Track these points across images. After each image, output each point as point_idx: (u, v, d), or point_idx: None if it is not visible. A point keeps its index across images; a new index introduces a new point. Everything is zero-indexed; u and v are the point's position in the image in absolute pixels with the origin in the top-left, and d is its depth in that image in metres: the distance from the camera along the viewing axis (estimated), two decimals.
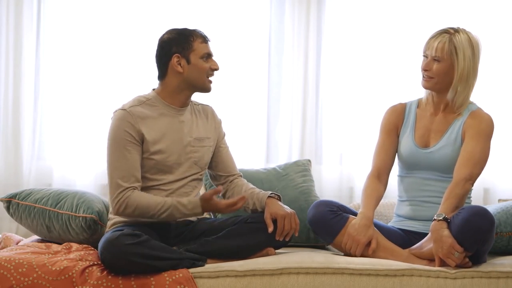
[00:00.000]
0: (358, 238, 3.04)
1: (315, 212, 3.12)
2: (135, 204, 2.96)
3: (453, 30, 3.15)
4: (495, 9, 4.20)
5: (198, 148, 3.15)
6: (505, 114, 4.21)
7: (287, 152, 4.19)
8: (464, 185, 3.05)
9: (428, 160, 3.18)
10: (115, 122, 3.03)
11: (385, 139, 3.29)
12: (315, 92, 4.20)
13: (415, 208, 3.21)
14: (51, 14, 4.09)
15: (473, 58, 3.13)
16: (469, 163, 3.08)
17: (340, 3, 4.20)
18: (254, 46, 4.17)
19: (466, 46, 3.12)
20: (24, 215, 3.34)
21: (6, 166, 4.05)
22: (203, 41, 3.08)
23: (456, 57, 3.12)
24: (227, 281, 2.86)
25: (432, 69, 3.15)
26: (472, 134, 3.13)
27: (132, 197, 2.97)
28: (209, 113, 3.25)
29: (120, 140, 3.00)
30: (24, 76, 4.06)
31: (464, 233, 2.88)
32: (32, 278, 2.78)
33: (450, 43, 3.12)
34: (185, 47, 3.05)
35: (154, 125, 3.06)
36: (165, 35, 3.11)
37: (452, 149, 3.16)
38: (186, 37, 3.06)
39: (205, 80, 3.08)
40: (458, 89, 3.14)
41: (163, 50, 3.08)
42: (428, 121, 3.23)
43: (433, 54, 3.14)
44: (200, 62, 3.06)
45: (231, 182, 3.24)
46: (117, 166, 2.99)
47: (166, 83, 3.10)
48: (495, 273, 2.94)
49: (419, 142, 3.22)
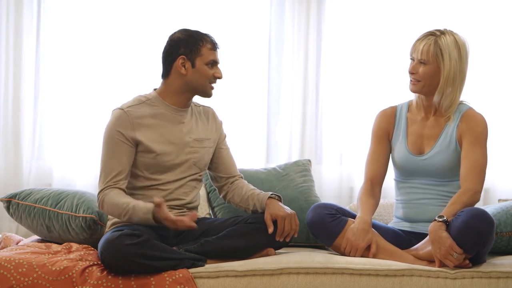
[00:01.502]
0: (357, 243, 3.03)
1: (314, 215, 3.11)
2: (107, 203, 2.99)
3: (439, 32, 3.12)
4: (494, 11, 4.19)
5: (198, 149, 3.15)
6: (505, 114, 4.21)
7: (287, 152, 4.19)
8: (472, 195, 3.03)
9: (423, 167, 3.16)
10: (111, 121, 3.04)
11: (377, 147, 3.26)
12: (315, 92, 4.20)
13: (413, 211, 3.20)
14: (51, 14, 4.10)
15: (459, 60, 3.09)
16: (475, 172, 3.06)
17: (340, 3, 4.20)
18: (254, 46, 4.17)
19: (452, 48, 3.08)
20: (24, 215, 3.34)
21: (6, 166, 4.06)
22: (212, 48, 3.06)
23: (441, 59, 3.08)
24: (227, 281, 2.86)
25: (418, 72, 3.11)
26: (471, 140, 3.10)
27: (108, 196, 2.99)
28: (210, 114, 3.24)
29: (112, 138, 3.02)
30: (24, 76, 4.07)
31: (464, 235, 2.87)
32: (32, 278, 2.78)
33: (435, 46, 3.08)
34: (193, 51, 3.04)
35: (153, 125, 3.06)
36: (176, 33, 3.10)
37: (447, 154, 3.15)
38: (196, 40, 3.05)
39: (207, 86, 3.07)
40: (444, 92, 3.11)
41: (171, 49, 3.07)
42: (419, 127, 3.20)
43: (418, 57, 3.11)
44: (205, 68, 3.05)
45: (231, 184, 3.24)
46: (106, 163, 3.02)
47: (168, 83, 3.10)
48: (495, 273, 2.94)
49: (413, 149, 3.19)
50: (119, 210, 2.95)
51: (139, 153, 3.05)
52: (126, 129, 3.02)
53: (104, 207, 3.00)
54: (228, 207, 3.46)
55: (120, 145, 3.02)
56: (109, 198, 2.97)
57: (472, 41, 4.11)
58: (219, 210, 3.52)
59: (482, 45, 4.19)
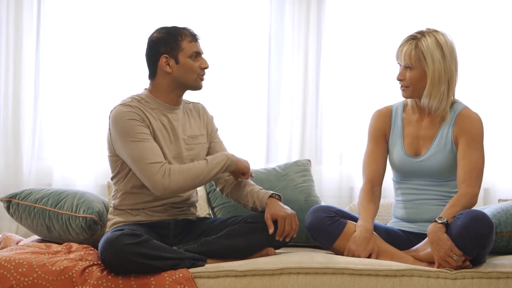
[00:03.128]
0: (358, 253, 3.03)
1: (313, 218, 3.11)
2: (178, 170, 2.95)
3: (420, 34, 3.09)
4: (492, 11, 4.20)
5: (193, 146, 3.14)
6: (505, 114, 4.21)
7: (287, 152, 4.19)
8: (471, 199, 3.02)
9: (420, 169, 3.16)
10: (119, 116, 2.99)
11: (374, 148, 3.25)
12: (315, 92, 4.20)
13: (412, 211, 3.20)
14: (51, 14, 4.10)
15: (443, 60, 3.06)
16: (473, 174, 3.05)
17: (340, 3, 4.20)
18: (254, 46, 4.17)
19: (433, 49, 3.05)
20: (24, 215, 3.34)
21: (6, 166, 4.06)
22: (192, 39, 3.05)
23: (425, 62, 3.06)
24: (227, 281, 2.86)
25: (406, 78, 3.10)
26: (468, 141, 3.09)
27: (173, 168, 2.95)
28: (200, 110, 3.24)
29: (131, 129, 2.96)
30: (24, 76, 4.07)
31: (464, 238, 2.87)
32: (32, 278, 2.78)
33: (416, 49, 3.06)
34: (173, 47, 3.03)
35: (150, 124, 3.05)
36: (154, 34, 3.09)
37: (443, 155, 3.14)
38: (174, 36, 3.03)
39: (195, 78, 3.06)
40: (431, 94, 3.08)
41: (152, 50, 3.06)
42: (415, 128, 3.19)
43: (403, 63, 3.10)
44: (189, 61, 3.04)
45: (228, 177, 3.22)
46: (142, 151, 2.94)
47: (156, 83, 3.09)
48: (495, 274, 2.94)
49: (409, 151, 3.18)
50: (198, 170, 2.97)
51: None
52: (138, 116, 2.99)
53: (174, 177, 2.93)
54: (228, 207, 3.47)
55: (143, 129, 2.97)
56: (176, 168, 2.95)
57: (471, 41, 4.16)
58: (219, 210, 3.52)
59: (482, 44, 4.19)
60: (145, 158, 2.94)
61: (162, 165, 2.94)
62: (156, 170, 2.93)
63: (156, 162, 2.94)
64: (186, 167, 2.98)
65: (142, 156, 2.94)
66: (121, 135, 2.98)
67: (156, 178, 2.93)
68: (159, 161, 2.94)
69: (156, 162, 2.94)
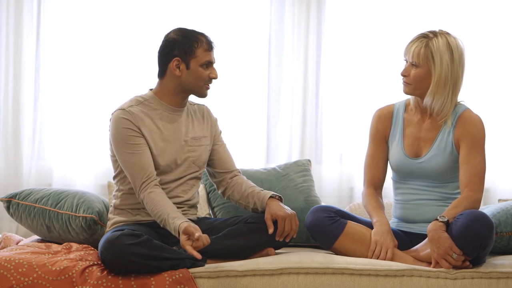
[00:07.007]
0: (387, 243, 3.02)
1: (313, 218, 3.10)
2: (147, 206, 2.98)
3: (432, 34, 3.07)
4: (495, 12, 4.20)
5: (196, 148, 3.14)
6: (505, 114, 4.21)
7: (287, 152, 4.19)
8: (474, 202, 3.01)
9: (420, 170, 3.15)
10: (115, 122, 3.02)
11: (375, 149, 3.25)
12: (315, 92, 4.20)
13: (411, 211, 3.20)
14: (51, 14, 4.10)
15: (451, 63, 3.04)
16: (476, 178, 3.05)
17: (340, 3, 4.20)
18: (254, 46, 4.17)
19: (444, 51, 3.03)
20: (24, 215, 3.34)
21: (6, 166, 4.06)
22: (207, 48, 3.04)
23: (433, 62, 3.04)
24: (227, 281, 2.86)
25: (409, 75, 3.09)
26: (470, 145, 3.07)
27: (146, 199, 2.98)
28: (204, 112, 3.24)
29: (125, 138, 3.00)
30: (24, 76, 4.07)
31: (464, 239, 2.87)
32: (32, 278, 2.78)
33: (426, 48, 3.04)
34: (188, 52, 3.02)
35: (152, 125, 3.06)
36: (171, 34, 3.07)
37: (443, 158, 3.13)
38: (190, 42, 3.02)
39: (202, 87, 3.06)
40: (435, 95, 3.06)
41: (165, 50, 3.06)
42: (416, 129, 3.18)
43: (410, 60, 3.09)
44: (200, 69, 3.03)
45: (230, 179, 3.22)
46: (130, 164, 3.00)
47: (163, 83, 3.09)
48: (495, 274, 2.94)
49: (409, 152, 3.18)
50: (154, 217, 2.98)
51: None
52: (133, 125, 3.01)
53: (147, 207, 3.00)
54: (228, 207, 3.47)
55: (135, 139, 3.01)
56: (147, 202, 2.97)
57: (472, 42, 4.15)
58: (219, 210, 3.52)
59: (483, 45, 4.19)
60: (132, 170, 2.99)
61: (143, 183, 2.98)
62: (138, 184, 2.99)
63: (140, 182, 2.98)
64: (156, 200, 2.96)
65: (130, 168, 3.00)
66: (114, 141, 3.03)
67: (137, 190, 3.00)
68: (140, 183, 2.98)
69: (140, 182, 2.98)
